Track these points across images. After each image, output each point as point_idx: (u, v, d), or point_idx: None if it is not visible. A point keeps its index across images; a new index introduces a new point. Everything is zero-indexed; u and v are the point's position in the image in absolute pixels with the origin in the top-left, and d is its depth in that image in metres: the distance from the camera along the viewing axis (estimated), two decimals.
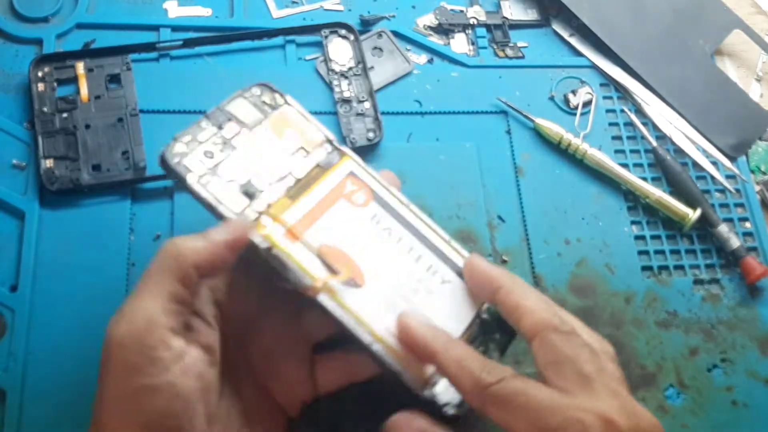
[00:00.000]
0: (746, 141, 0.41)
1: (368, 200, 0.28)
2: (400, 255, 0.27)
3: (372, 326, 0.25)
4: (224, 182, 0.27)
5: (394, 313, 0.26)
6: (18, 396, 0.29)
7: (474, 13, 0.43)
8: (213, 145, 0.28)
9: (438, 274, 0.28)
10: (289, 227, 0.26)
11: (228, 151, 0.28)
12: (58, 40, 0.37)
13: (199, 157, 0.27)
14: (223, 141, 0.28)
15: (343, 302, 0.25)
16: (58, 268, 0.32)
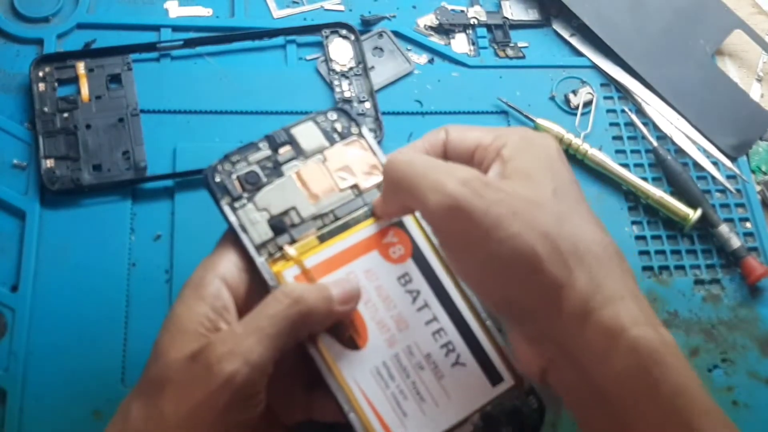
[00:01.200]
0: (747, 141, 0.41)
1: (405, 257, 0.25)
2: (418, 324, 0.24)
3: (354, 394, 0.23)
4: (257, 209, 0.26)
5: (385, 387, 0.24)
6: (19, 396, 0.29)
7: (474, 13, 0.43)
8: (261, 168, 0.26)
9: (453, 353, 0.24)
10: (305, 270, 0.25)
11: (273, 177, 0.26)
12: (59, 40, 0.37)
13: (242, 179, 0.26)
14: (273, 165, 0.26)
15: (331, 361, 0.24)
16: (58, 268, 0.32)
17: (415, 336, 0.24)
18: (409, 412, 0.23)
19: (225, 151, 0.35)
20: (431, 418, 0.23)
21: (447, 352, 0.24)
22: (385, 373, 0.24)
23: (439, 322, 0.24)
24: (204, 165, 0.34)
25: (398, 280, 0.25)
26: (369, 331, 0.24)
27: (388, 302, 0.25)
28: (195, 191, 0.35)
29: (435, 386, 0.24)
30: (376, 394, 0.23)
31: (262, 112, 0.37)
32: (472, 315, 0.25)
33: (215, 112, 0.37)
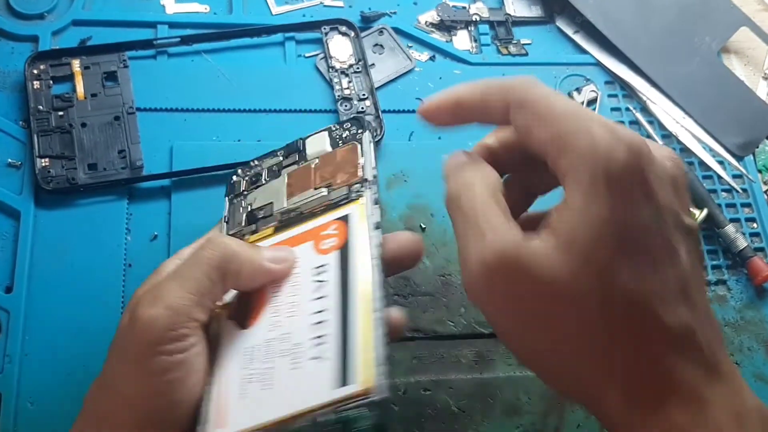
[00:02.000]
0: (753, 140, 0.41)
1: (333, 249, 0.24)
2: (305, 313, 0.23)
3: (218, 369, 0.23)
4: (245, 204, 0.28)
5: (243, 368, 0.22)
6: (13, 398, 0.29)
7: (477, 10, 0.42)
8: (269, 170, 0.28)
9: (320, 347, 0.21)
10: None
11: (272, 178, 0.28)
12: (54, 37, 0.37)
13: (248, 179, 0.29)
14: (278, 168, 0.28)
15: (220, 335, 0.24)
16: (53, 268, 0.31)
17: (296, 324, 0.22)
18: (249, 396, 0.21)
19: (222, 150, 0.35)
20: (262, 407, 0.21)
21: (316, 344, 0.21)
22: (251, 355, 0.23)
23: (326, 314, 0.22)
24: (201, 164, 0.34)
25: (314, 269, 0.24)
26: (263, 313, 0.24)
27: (293, 288, 0.24)
28: (192, 191, 0.34)
29: (286, 376, 0.21)
30: (233, 372, 0.23)
31: (261, 110, 0.37)
32: (362, 312, 0.21)
33: (213, 110, 0.36)
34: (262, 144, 0.36)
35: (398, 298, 0.33)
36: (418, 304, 0.33)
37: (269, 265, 0.24)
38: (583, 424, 0.31)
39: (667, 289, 0.19)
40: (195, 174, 0.34)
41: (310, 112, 0.37)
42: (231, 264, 0.23)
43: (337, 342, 0.21)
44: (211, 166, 0.34)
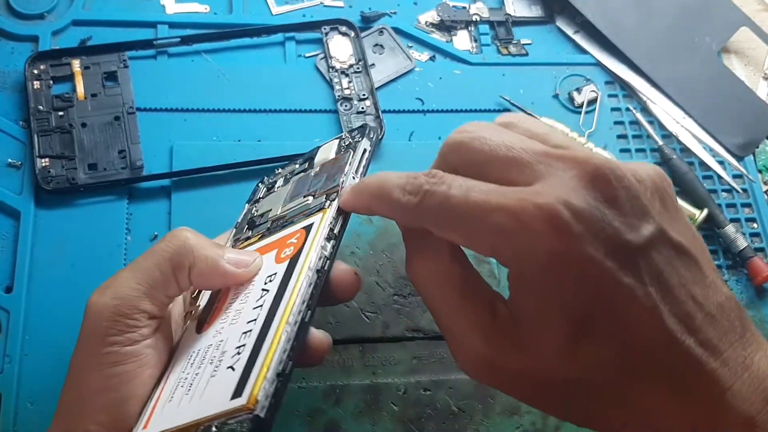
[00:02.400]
0: (754, 140, 0.41)
1: (287, 258, 0.23)
2: (242, 321, 0.22)
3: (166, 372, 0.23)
4: (254, 211, 0.28)
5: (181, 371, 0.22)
6: (13, 398, 0.29)
7: (477, 10, 0.42)
8: (282, 178, 0.28)
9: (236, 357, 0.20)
10: None
11: (281, 185, 0.28)
12: (54, 37, 0.37)
13: (268, 187, 0.29)
14: (290, 176, 0.28)
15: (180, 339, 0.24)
16: (54, 268, 0.31)
17: (232, 332, 0.22)
18: (174, 399, 0.21)
19: (222, 150, 0.35)
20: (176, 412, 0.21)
21: (235, 354, 0.21)
22: (191, 359, 0.22)
23: (253, 324, 0.21)
24: (201, 164, 0.34)
25: (266, 277, 0.23)
26: (217, 318, 0.23)
27: (245, 296, 0.23)
28: (192, 191, 0.34)
29: (203, 383, 0.21)
30: (174, 374, 0.22)
31: (261, 110, 0.37)
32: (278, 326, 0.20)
33: (213, 111, 0.36)
34: (262, 144, 0.36)
35: (398, 297, 0.33)
36: (418, 303, 0.33)
37: (226, 266, 0.23)
38: None
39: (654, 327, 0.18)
40: (195, 174, 0.34)
41: (310, 112, 0.37)
42: (184, 258, 0.22)
43: (249, 353, 0.20)
44: (211, 166, 0.34)
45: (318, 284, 0.21)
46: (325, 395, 0.31)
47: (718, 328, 0.19)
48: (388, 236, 0.34)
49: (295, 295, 0.21)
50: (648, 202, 0.19)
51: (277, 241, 0.24)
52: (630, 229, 0.18)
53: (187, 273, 0.23)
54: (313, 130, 0.37)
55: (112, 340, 0.21)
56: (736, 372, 0.18)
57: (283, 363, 0.19)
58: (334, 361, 0.31)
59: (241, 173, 0.35)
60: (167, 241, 0.23)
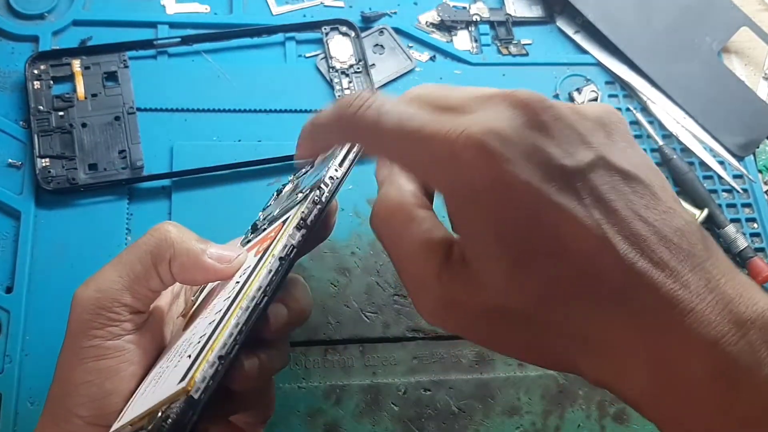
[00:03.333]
0: (754, 140, 0.41)
1: (261, 252, 0.22)
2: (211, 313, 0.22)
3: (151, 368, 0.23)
4: (264, 213, 0.28)
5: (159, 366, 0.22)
6: (14, 398, 0.29)
7: (477, 10, 0.42)
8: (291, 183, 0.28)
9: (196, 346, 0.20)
10: None
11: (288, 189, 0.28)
12: (55, 37, 0.37)
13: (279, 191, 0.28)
14: (296, 178, 0.28)
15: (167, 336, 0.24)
16: (54, 268, 0.31)
17: (202, 324, 0.22)
18: (146, 392, 0.21)
19: (222, 150, 0.35)
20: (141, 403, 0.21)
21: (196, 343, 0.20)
22: (169, 355, 0.22)
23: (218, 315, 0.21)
24: (202, 164, 0.34)
25: (243, 270, 0.23)
26: (200, 315, 0.23)
27: (223, 291, 0.23)
28: (192, 191, 0.34)
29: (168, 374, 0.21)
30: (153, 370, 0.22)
31: (261, 110, 0.37)
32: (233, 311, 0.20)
33: (213, 111, 0.36)
34: (262, 144, 0.36)
35: (398, 297, 0.33)
36: None
37: (207, 260, 0.22)
38: (582, 424, 0.31)
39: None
40: (195, 174, 0.34)
41: (311, 112, 0.37)
42: (165, 251, 0.22)
43: (205, 341, 0.20)
44: (211, 166, 0.34)
45: (279, 271, 0.21)
46: (326, 395, 0.31)
47: (676, 251, 0.17)
48: None
49: (254, 283, 0.20)
50: (586, 131, 0.18)
51: (263, 237, 0.24)
52: (565, 155, 0.18)
53: (167, 266, 0.22)
54: None
55: (94, 334, 0.21)
56: (698, 295, 0.17)
57: (227, 346, 0.19)
58: (334, 361, 0.31)
59: (241, 173, 0.35)
60: (149, 235, 0.22)
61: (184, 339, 0.22)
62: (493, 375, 0.32)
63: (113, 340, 0.22)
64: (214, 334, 0.20)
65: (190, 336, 0.22)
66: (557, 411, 0.32)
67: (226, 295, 0.22)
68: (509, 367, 0.32)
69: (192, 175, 0.34)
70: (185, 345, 0.21)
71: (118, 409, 0.21)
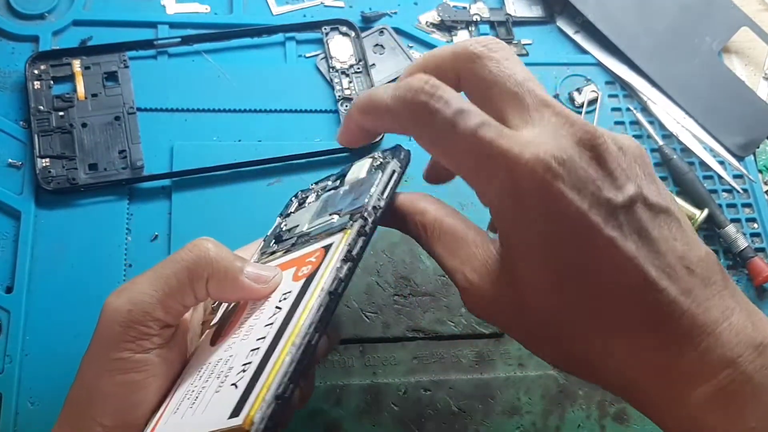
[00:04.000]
0: (754, 140, 0.41)
1: (303, 277, 0.22)
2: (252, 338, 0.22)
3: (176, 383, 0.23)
4: (282, 224, 0.28)
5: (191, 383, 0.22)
6: (14, 398, 0.29)
7: (477, 10, 0.42)
8: (315, 194, 0.28)
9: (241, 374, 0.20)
10: None
11: (312, 200, 0.28)
12: (55, 37, 0.37)
13: (300, 201, 0.29)
14: (322, 192, 0.28)
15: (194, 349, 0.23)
16: (54, 268, 0.31)
17: (241, 347, 0.21)
18: (179, 412, 0.21)
19: (222, 150, 0.35)
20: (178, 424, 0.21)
21: (240, 371, 0.20)
22: (201, 372, 0.22)
23: (262, 342, 0.21)
24: (202, 164, 0.34)
25: (281, 295, 0.22)
26: (231, 332, 0.23)
27: (259, 312, 0.23)
28: (192, 191, 0.34)
29: (207, 398, 0.21)
30: (183, 386, 0.22)
31: (261, 110, 0.37)
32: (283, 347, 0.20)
33: (213, 111, 0.36)
34: (262, 144, 0.36)
35: (398, 298, 0.33)
36: (418, 304, 0.33)
37: (245, 280, 0.22)
38: (583, 424, 0.31)
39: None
40: (195, 174, 0.34)
41: (311, 112, 0.37)
42: (203, 269, 0.22)
43: (252, 372, 0.20)
44: (211, 166, 0.34)
45: (330, 307, 0.21)
46: (326, 395, 0.31)
47: (700, 280, 0.20)
48: (389, 236, 0.34)
49: (303, 317, 0.20)
50: (628, 166, 0.20)
51: (298, 258, 0.24)
52: (613, 188, 0.20)
53: (204, 284, 0.22)
54: (314, 131, 0.37)
55: (124, 346, 0.21)
56: (717, 320, 0.19)
57: (283, 386, 0.19)
58: (334, 361, 0.31)
59: (241, 173, 0.35)
60: (187, 250, 0.22)
61: (218, 358, 0.22)
62: (493, 375, 0.32)
63: (142, 354, 0.21)
64: (264, 368, 0.19)
65: (227, 357, 0.21)
66: (557, 411, 0.32)
67: (266, 319, 0.22)
68: (509, 367, 0.32)
69: (192, 175, 0.34)
70: (222, 367, 0.21)
71: (142, 422, 0.22)
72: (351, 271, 0.22)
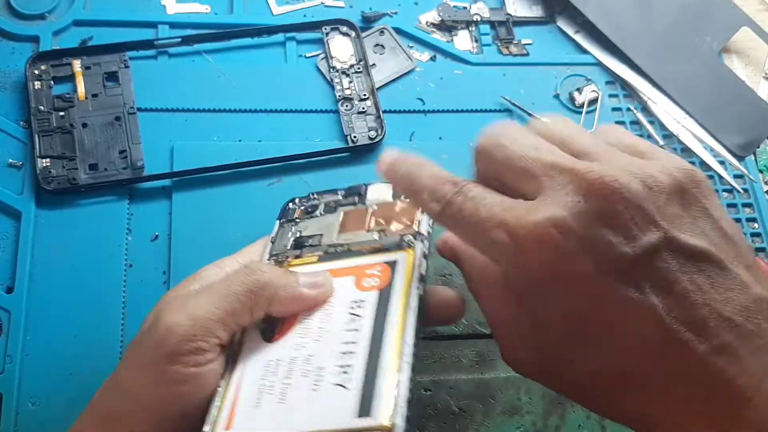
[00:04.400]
0: (754, 140, 0.41)
1: (373, 289, 0.24)
2: (334, 341, 0.23)
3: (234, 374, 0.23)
4: (294, 230, 0.28)
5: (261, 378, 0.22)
6: (14, 398, 0.29)
7: (477, 10, 0.42)
8: (326, 205, 0.29)
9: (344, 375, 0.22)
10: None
11: (323, 211, 0.29)
12: (55, 38, 0.37)
13: (304, 209, 0.29)
14: (335, 205, 0.29)
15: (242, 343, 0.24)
16: (54, 268, 0.31)
17: (323, 349, 0.23)
18: (263, 406, 0.22)
19: (223, 150, 0.35)
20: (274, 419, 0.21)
21: (340, 372, 0.22)
22: (272, 368, 0.23)
23: (354, 347, 0.22)
24: (202, 164, 0.34)
25: (352, 302, 0.24)
26: (291, 332, 0.24)
27: (326, 315, 0.24)
28: (193, 191, 0.34)
29: (304, 395, 0.22)
30: (251, 381, 0.23)
31: (262, 110, 0.37)
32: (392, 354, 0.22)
33: (213, 111, 0.36)
34: (262, 144, 0.36)
35: None
36: None
37: (304, 291, 0.23)
38: (583, 424, 0.31)
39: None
40: (196, 174, 0.34)
41: (311, 112, 0.37)
42: (265, 291, 0.23)
43: (361, 375, 0.21)
44: (212, 166, 0.34)
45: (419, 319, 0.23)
46: None
47: (739, 333, 0.17)
48: None
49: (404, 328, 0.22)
50: (657, 208, 0.18)
51: (351, 268, 0.25)
52: (627, 241, 0.18)
53: (266, 305, 0.23)
54: (314, 131, 0.37)
55: (180, 360, 0.21)
56: (759, 380, 0.17)
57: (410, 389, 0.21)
58: None
59: (241, 173, 0.35)
60: (246, 275, 0.23)
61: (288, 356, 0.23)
62: (493, 375, 0.32)
63: (195, 368, 0.22)
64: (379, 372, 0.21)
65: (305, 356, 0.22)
66: (558, 411, 0.32)
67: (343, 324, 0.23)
68: (510, 367, 0.32)
69: (192, 175, 0.34)
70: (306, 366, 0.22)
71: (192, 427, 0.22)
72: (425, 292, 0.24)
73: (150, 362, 0.22)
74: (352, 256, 0.26)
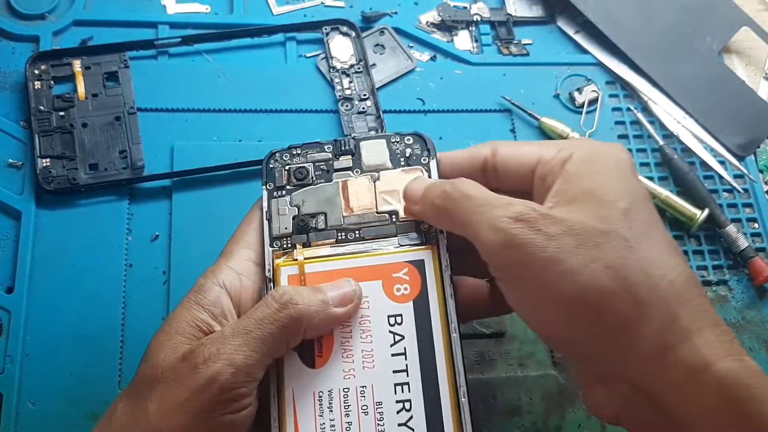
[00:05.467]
0: (755, 140, 0.41)
1: (407, 298, 0.23)
2: (385, 368, 0.22)
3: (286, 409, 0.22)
4: (290, 204, 0.26)
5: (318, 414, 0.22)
6: (15, 398, 0.29)
7: (478, 10, 0.42)
8: (316, 167, 0.26)
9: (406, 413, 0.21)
10: (303, 274, 0.24)
11: (321, 180, 0.26)
12: (55, 38, 0.37)
13: (291, 172, 0.26)
14: (327, 169, 0.26)
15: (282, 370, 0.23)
16: (54, 269, 0.31)
17: (375, 379, 0.22)
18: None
19: (223, 150, 0.35)
20: None
21: (400, 409, 0.22)
22: (326, 402, 0.22)
23: (407, 375, 0.22)
24: (202, 164, 0.34)
25: (388, 318, 0.23)
26: (333, 353, 0.23)
27: (365, 335, 0.23)
28: (193, 191, 0.34)
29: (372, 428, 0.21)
30: (306, 417, 0.22)
31: (262, 110, 0.37)
32: (448, 385, 0.22)
33: (213, 111, 0.36)
34: (263, 144, 0.36)
35: None
36: None
37: (336, 311, 0.23)
38: (584, 424, 0.31)
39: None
40: (196, 174, 0.34)
41: (311, 112, 0.37)
42: (299, 324, 0.22)
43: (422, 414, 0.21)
44: (212, 166, 0.34)
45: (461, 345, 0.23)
46: None
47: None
48: None
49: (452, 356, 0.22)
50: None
51: (375, 268, 0.24)
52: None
53: (301, 335, 0.23)
54: (314, 130, 0.37)
55: (221, 408, 0.21)
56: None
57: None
58: None
59: (241, 173, 0.35)
60: (277, 311, 0.22)
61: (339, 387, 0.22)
62: (494, 375, 0.32)
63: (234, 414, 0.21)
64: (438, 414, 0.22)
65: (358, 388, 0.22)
66: (558, 411, 0.32)
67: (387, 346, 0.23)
68: (510, 367, 0.32)
69: (192, 175, 0.34)
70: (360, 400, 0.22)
71: None
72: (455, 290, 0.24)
73: (186, 409, 0.21)
74: (368, 252, 0.24)
